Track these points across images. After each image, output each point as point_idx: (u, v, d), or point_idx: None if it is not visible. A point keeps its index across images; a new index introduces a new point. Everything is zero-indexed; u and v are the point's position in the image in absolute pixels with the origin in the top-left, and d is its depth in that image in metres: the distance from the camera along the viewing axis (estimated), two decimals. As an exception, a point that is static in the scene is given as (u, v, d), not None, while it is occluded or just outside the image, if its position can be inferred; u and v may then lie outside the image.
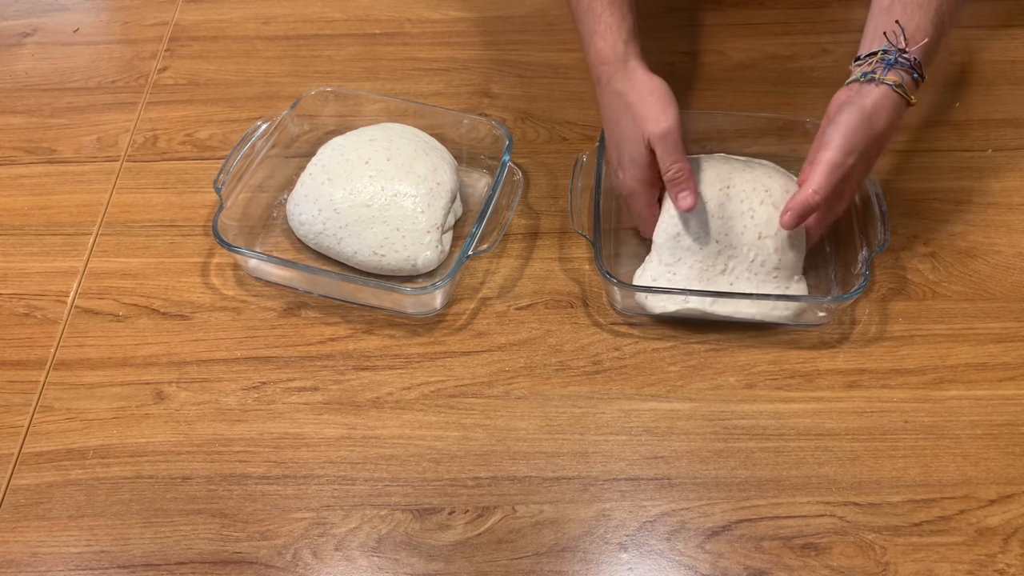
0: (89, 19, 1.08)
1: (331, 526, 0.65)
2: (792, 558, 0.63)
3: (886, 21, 0.72)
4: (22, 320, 0.78)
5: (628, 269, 0.79)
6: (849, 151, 0.69)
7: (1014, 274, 0.79)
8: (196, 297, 0.79)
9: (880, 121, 0.70)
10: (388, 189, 0.78)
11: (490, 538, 0.65)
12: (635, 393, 0.72)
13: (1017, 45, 0.99)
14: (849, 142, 0.69)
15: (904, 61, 0.70)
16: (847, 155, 0.69)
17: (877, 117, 0.70)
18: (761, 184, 0.76)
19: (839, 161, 0.69)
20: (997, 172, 0.87)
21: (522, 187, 0.84)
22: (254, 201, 0.84)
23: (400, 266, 0.77)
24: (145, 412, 0.72)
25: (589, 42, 0.79)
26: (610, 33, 0.77)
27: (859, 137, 0.69)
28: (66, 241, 0.83)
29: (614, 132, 0.77)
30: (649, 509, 0.66)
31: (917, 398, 0.71)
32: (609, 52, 0.77)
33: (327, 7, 1.07)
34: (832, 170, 0.69)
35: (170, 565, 0.64)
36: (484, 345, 0.75)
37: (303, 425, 0.71)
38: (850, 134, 0.69)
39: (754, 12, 1.04)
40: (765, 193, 0.75)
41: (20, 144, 0.92)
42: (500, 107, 0.95)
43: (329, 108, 0.89)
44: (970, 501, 0.66)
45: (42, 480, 0.68)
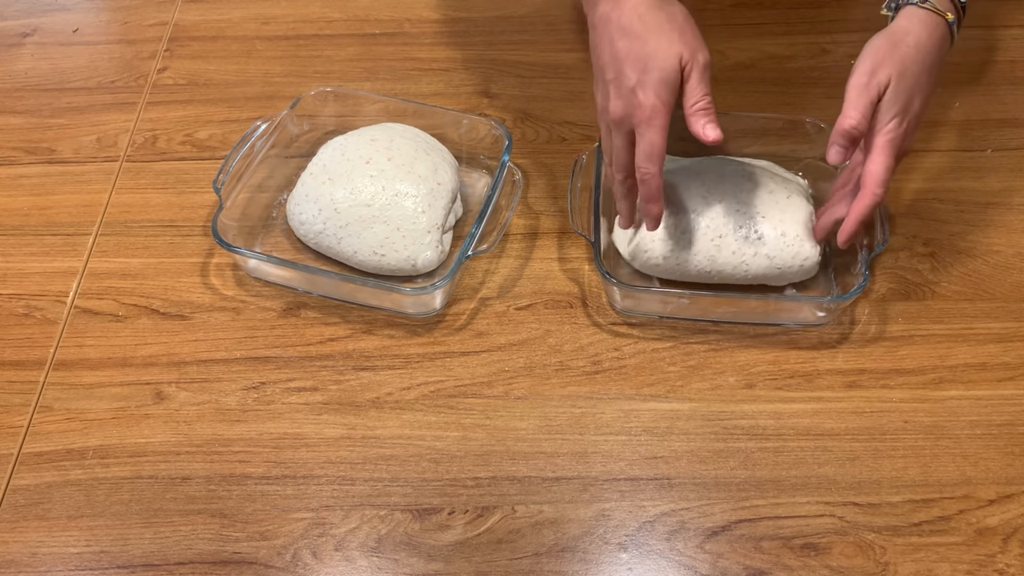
0: (89, 19, 1.08)
1: (331, 526, 0.65)
2: (792, 558, 0.63)
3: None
4: (22, 320, 0.78)
5: (628, 270, 0.79)
6: (871, 70, 0.67)
7: (1014, 274, 0.79)
8: (196, 297, 0.79)
9: (909, 38, 0.68)
10: (389, 189, 0.78)
11: (490, 538, 0.65)
12: (635, 393, 0.72)
13: (1017, 45, 0.99)
14: (870, 62, 0.68)
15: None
16: (871, 75, 0.67)
17: (904, 35, 0.68)
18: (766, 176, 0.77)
19: (863, 81, 0.67)
20: (997, 172, 0.87)
21: (522, 187, 0.84)
22: (254, 201, 0.84)
23: (400, 266, 0.77)
24: (145, 412, 0.72)
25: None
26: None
27: (882, 54, 0.68)
28: (66, 241, 0.83)
29: (636, 46, 0.68)
30: (649, 509, 0.66)
31: (917, 398, 0.71)
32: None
33: (327, 7, 1.07)
34: (856, 91, 0.67)
35: (170, 565, 0.64)
36: (484, 345, 0.75)
37: (303, 425, 0.71)
38: (871, 54, 0.68)
39: (754, 12, 1.04)
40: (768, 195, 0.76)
41: (20, 144, 0.92)
42: (500, 107, 0.95)
43: (329, 108, 0.89)
44: (970, 501, 0.66)
45: (42, 480, 0.68)
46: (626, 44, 0.68)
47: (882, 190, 0.68)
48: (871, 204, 0.68)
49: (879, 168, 0.68)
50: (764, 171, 0.79)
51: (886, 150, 0.68)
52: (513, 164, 0.84)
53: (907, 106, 0.68)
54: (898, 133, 0.68)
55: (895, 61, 0.68)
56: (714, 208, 0.75)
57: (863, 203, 0.68)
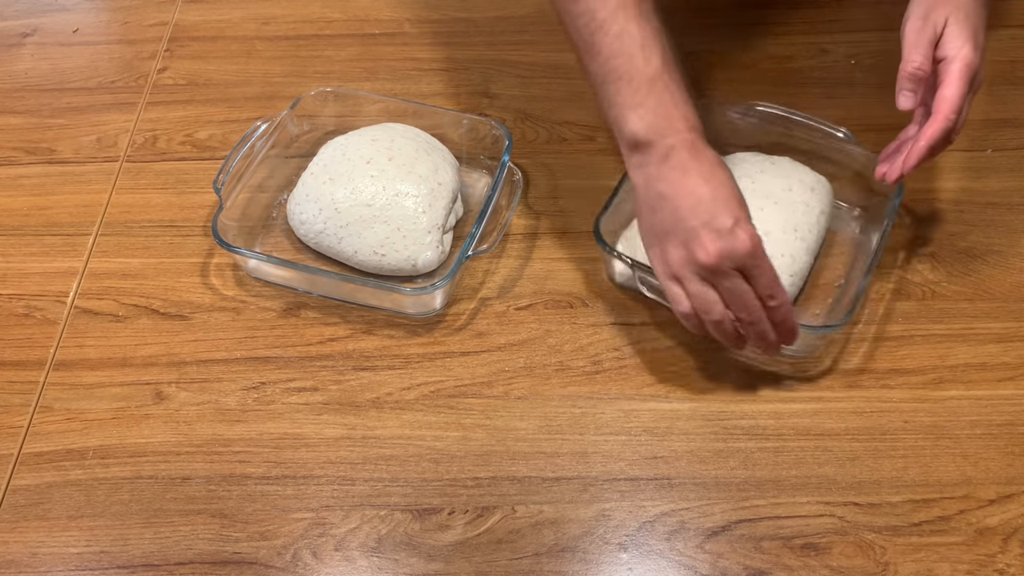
0: (89, 19, 1.08)
1: (331, 526, 0.65)
2: (792, 558, 0.63)
3: None
4: (22, 320, 0.78)
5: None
6: (925, 13, 0.67)
7: (1014, 274, 0.79)
8: (196, 297, 0.79)
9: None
10: (389, 189, 0.78)
11: (490, 538, 0.65)
12: (635, 393, 0.72)
13: (1017, 45, 0.99)
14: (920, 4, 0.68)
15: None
16: (925, 17, 0.67)
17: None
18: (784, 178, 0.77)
19: (919, 25, 0.68)
20: (997, 172, 0.87)
21: (522, 187, 0.84)
22: (254, 201, 0.84)
23: (400, 266, 0.77)
24: (145, 412, 0.72)
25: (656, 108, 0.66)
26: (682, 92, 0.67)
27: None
28: (66, 241, 0.83)
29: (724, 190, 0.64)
30: (649, 509, 0.66)
31: (917, 398, 0.71)
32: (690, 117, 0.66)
33: (327, 7, 1.07)
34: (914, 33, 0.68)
35: (170, 565, 0.64)
36: (484, 345, 0.75)
37: (303, 425, 0.71)
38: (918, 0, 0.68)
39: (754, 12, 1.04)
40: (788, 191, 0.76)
41: (20, 144, 0.92)
42: (500, 107, 0.94)
43: (329, 108, 0.89)
44: (970, 501, 0.66)
45: (42, 480, 0.68)
46: (711, 188, 0.64)
47: (955, 116, 0.66)
48: (943, 128, 0.67)
49: (954, 93, 0.66)
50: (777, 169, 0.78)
51: (961, 76, 0.67)
52: (513, 164, 0.84)
53: (975, 36, 0.68)
54: (972, 60, 0.67)
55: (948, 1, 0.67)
56: None
57: (935, 127, 0.67)
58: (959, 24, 0.67)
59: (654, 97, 0.66)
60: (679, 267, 0.65)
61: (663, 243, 0.66)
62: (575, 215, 0.84)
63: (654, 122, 0.65)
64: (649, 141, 0.65)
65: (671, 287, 0.66)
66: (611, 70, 0.67)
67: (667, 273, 0.66)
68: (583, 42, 0.69)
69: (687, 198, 0.64)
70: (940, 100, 0.67)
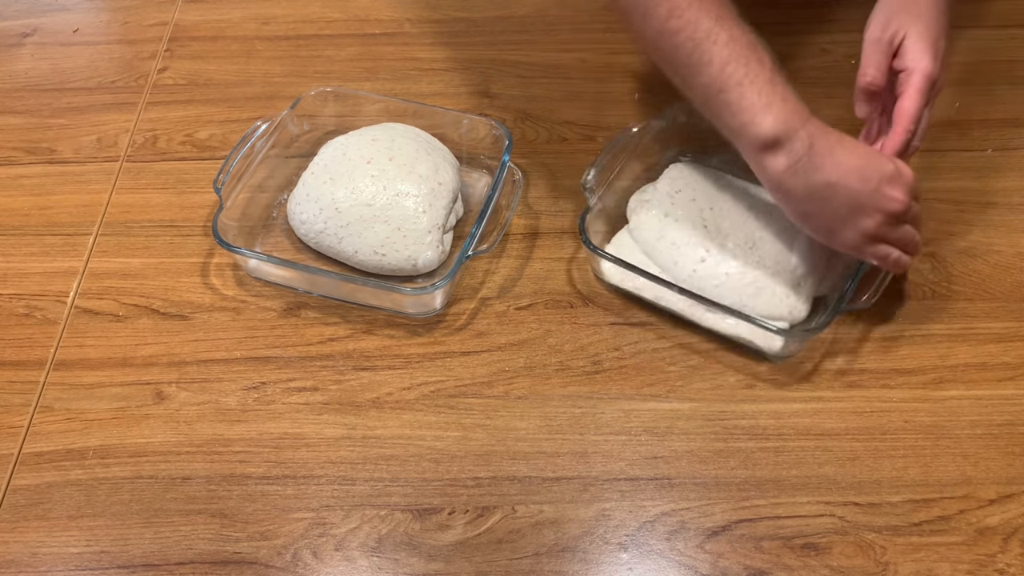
0: (89, 19, 1.08)
1: (331, 526, 0.65)
2: (792, 558, 0.63)
3: None
4: (22, 320, 0.78)
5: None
6: (885, 23, 0.70)
7: (1014, 274, 0.79)
8: (196, 297, 0.79)
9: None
10: (390, 189, 0.78)
11: (490, 538, 0.65)
12: (635, 393, 0.72)
13: (1017, 45, 0.99)
14: (884, 14, 0.71)
15: None
16: (883, 28, 0.70)
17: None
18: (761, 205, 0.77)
19: (876, 35, 0.70)
20: (997, 172, 0.87)
21: (522, 187, 0.84)
22: (254, 201, 0.84)
23: (400, 266, 0.77)
24: (145, 412, 0.72)
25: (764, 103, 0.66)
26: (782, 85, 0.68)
27: (893, 7, 0.70)
28: (66, 241, 0.83)
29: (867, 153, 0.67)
30: (649, 509, 0.66)
31: (917, 398, 0.71)
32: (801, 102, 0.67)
33: (327, 7, 1.07)
34: (871, 45, 0.70)
35: (170, 565, 0.64)
36: (484, 345, 0.75)
37: (303, 425, 0.71)
38: (884, 7, 0.71)
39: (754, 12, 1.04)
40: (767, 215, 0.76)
41: (20, 144, 0.92)
42: (500, 107, 0.94)
43: (329, 108, 0.89)
44: (970, 501, 0.66)
45: (42, 480, 0.68)
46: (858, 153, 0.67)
47: (914, 126, 0.69)
48: (903, 140, 0.69)
49: (912, 106, 0.69)
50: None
51: (919, 89, 0.69)
52: (513, 164, 0.83)
53: (934, 45, 0.70)
54: (931, 71, 0.69)
55: (908, 9, 0.69)
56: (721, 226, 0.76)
57: (895, 139, 0.69)
58: (918, 35, 0.69)
59: (778, 95, 0.66)
60: (879, 229, 0.67)
61: (855, 220, 0.67)
62: (575, 215, 0.84)
63: (787, 119, 0.66)
64: (788, 137, 0.66)
65: (878, 250, 0.69)
66: (728, 76, 0.67)
67: (871, 241, 0.68)
68: (686, 57, 0.68)
69: (852, 174, 0.66)
70: (899, 112, 0.69)
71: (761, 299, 0.73)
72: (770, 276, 0.74)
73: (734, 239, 0.75)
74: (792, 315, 0.73)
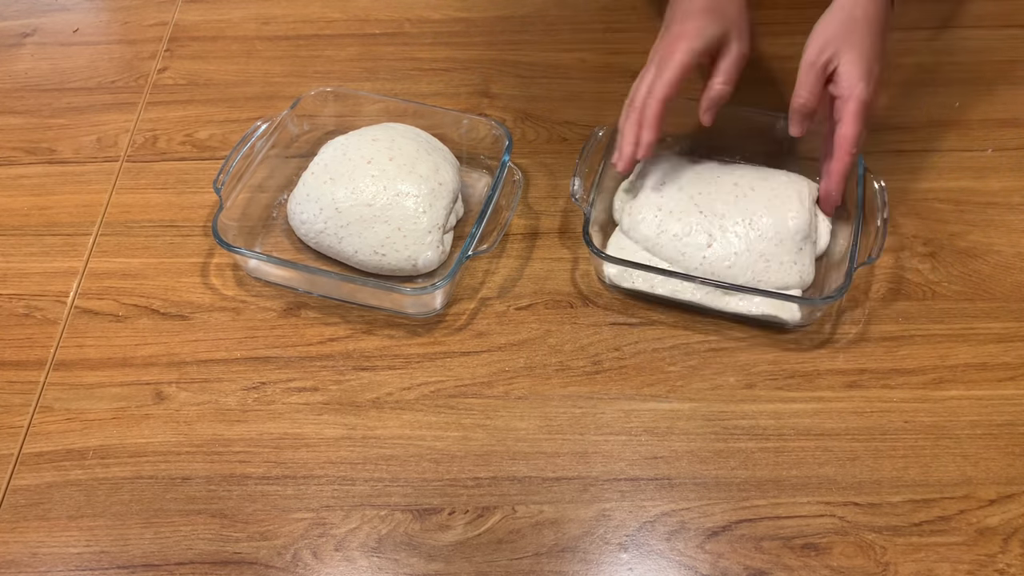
0: (89, 19, 1.08)
1: (331, 526, 0.65)
2: (792, 558, 0.63)
3: None
4: (22, 320, 0.78)
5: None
6: (820, 47, 0.73)
7: (1014, 274, 0.79)
8: (196, 297, 0.79)
9: (856, 10, 0.73)
10: (390, 189, 0.78)
11: (490, 538, 0.65)
12: (635, 393, 0.72)
13: (1017, 45, 0.99)
14: (818, 40, 0.73)
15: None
16: (819, 52, 0.73)
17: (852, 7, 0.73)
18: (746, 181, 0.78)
19: (811, 59, 0.73)
20: (997, 172, 0.87)
21: (522, 187, 0.84)
22: (254, 201, 0.84)
23: (401, 266, 0.77)
24: (145, 412, 0.72)
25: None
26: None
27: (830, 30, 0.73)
28: (66, 241, 0.83)
29: (691, 8, 0.76)
30: (649, 509, 0.66)
31: (917, 398, 0.71)
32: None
33: (327, 7, 1.07)
34: (806, 69, 0.73)
35: (170, 566, 0.64)
36: (484, 345, 0.75)
37: (303, 425, 0.71)
38: (819, 32, 0.74)
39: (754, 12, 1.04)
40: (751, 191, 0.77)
41: (20, 144, 0.92)
42: (500, 107, 0.95)
43: (329, 108, 0.89)
44: (970, 501, 0.66)
45: (42, 480, 0.68)
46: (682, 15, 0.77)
47: (855, 150, 0.73)
48: (846, 166, 0.74)
49: (850, 132, 0.72)
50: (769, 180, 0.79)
51: (856, 115, 0.72)
52: (513, 164, 0.84)
53: (868, 72, 0.73)
54: (865, 98, 0.72)
55: (844, 36, 0.72)
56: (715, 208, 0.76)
57: (838, 166, 0.74)
58: (852, 62, 0.72)
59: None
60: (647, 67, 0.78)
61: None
62: (575, 215, 0.84)
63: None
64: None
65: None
66: None
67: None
68: None
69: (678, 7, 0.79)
70: (840, 139, 0.73)
71: (772, 271, 0.74)
72: (775, 247, 0.75)
73: (731, 218, 0.76)
74: (803, 280, 0.75)
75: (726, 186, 0.78)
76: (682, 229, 0.76)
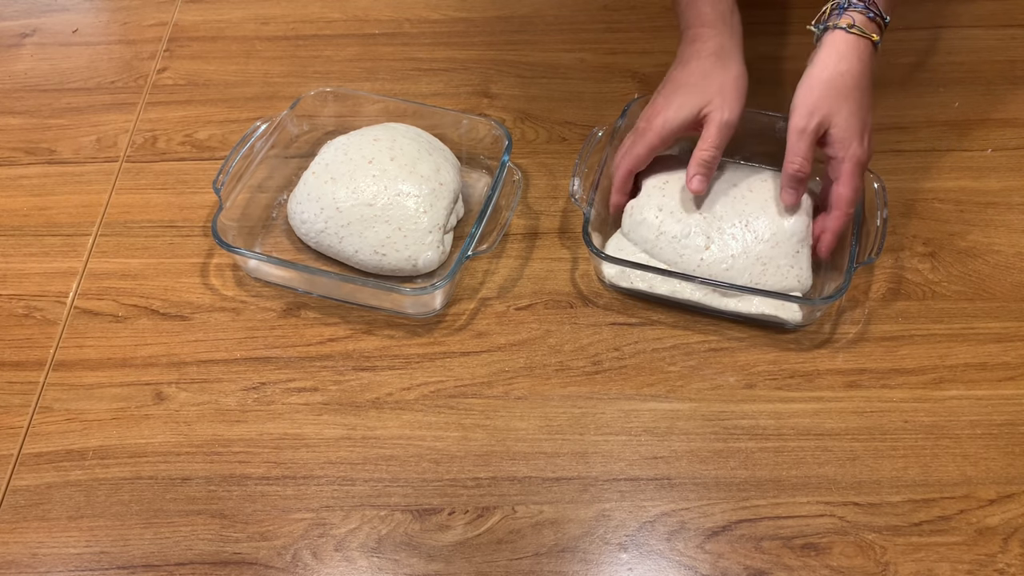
0: (88, 20, 1.08)
1: (331, 527, 0.65)
2: (792, 558, 0.63)
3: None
4: (21, 321, 0.78)
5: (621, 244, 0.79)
6: (810, 111, 0.71)
7: (1014, 274, 0.79)
8: (195, 298, 0.79)
9: (841, 66, 0.71)
10: (391, 189, 0.78)
11: (490, 539, 0.65)
12: (635, 393, 0.72)
13: (1017, 45, 0.99)
14: (806, 104, 0.71)
15: (858, 2, 0.71)
16: (808, 116, 0.71)
17: (836, 64, 0.71)
18: (744, 183, 0.78)
19: (801, 125, 0.71)
20: (997, 172, 0.87)
21: (522, 187, 0.84)
22: (253, 201, 0.84)
23: (401, 266, 0.77)
24: (145, 413, 0.72)
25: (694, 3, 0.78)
26: (720, 1, 0.77)
27: (817, 93, 0.71)
28: (65, 242, 0.83)
29: (680, 81, 0.77)
30: (649, 509, 0.66)
31: (917, 398, 0.71)
32: (716, 17, 0.77)
33: (327, 7, 1.07)
34: (797, 135, 0.71)
35: (170, 566, 0.64)
36: (484, 345, 0.75)
37: (303, 426, 0.71)
38: (805, 95, 0.71)
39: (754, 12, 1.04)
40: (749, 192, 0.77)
41: (19, 145, 0.92)
42: (500, 107, 0.94)
43: (328, 108, 0.89)
44: (970, 501, 0.66)
45: (42, 481, 0.68)
46: (678, 75, 0.77)
47: (852, 209, 0.73)
48: (843, 224, 0.74)
49: (847, 192, 0.73)
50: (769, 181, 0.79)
51: (852, 174, 0.72)
52: (513, 164, 0.83)
53: (861, 129, 0.72)
54: (861, 157, 0.72)
55: (832, 96, 0.71)
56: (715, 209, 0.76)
57: (835, 224, 0.74)
58: (844, 122, 0.71)
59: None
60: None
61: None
62: (575, 215, 0.84)
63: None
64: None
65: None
66: None
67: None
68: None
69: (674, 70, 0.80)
70: (837, 198, 0.73)
71: (768, 274, 0.74)
72: (771, 249, 0.75)
73: (729, 220, 0.76)
74: (801, 283, 0.75)
75: (726, 185, 0.78)
76: (681, 231, 0.76)
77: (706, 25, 0.77)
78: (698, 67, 0.76)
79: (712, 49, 0.76)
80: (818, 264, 0.78)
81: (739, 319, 0.76)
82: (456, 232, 0.82)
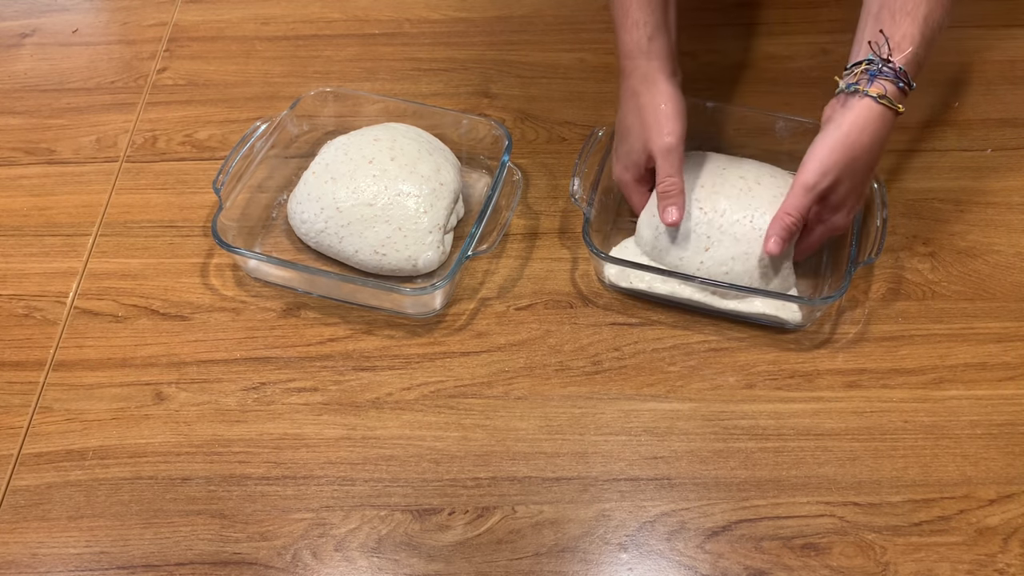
0: (88, 20, 1.08)
1: (331, 527, 0.65)
2: (792, 558, 0.63)
3: (872, 29, 0.71)
4: (21, 321, 0.78)
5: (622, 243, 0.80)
6: (824, 172, 0.69)
7: (1014, 274, 0.79)
8: (195, 298, 0.79)
9: (864, 136, 0.69)
10: (391, 189, 0.78)
11: (490, 539, 0.65)
12: (635, 393, 0.72)
13: (1017, 45, 0.99)
14: (823, 164, 0.69)
15: (889, 71, 0.69)
16: (821, 176, 0.69)
17: (860, 133, 0.69)
18: (752, 176, 0.77)
19: (811, 183, 0.69)
20: (997, 172, 0.87)
21: (521, 187, 0.84)
22: (253, 201, 0.84)
23: (401, 266, 0.77)
24: (145, 413, 0.72)
25: (617, 34, 0.78)
26: (636, 28, 0.76)
27: (836, 157, 0.69)
28: (65, 242, 0.83)
29: (622, 125, 0.78)
30: (649, 509, 0.66)
31: (917, 398, 0.71)
32: (633, 47, 0.76)
33: (327, 7, 1.07)
34: (804, 192, 0.70)
35: (170, 566, 0.64)
36: (484, 345, 0.75)
37: (303, 426, 0.71)
38: (825, 156, 0.69)
39: (754, 12, 1.04)
40: (756, 185, 0.76)
41: (19, 145, 0.92)
42: (499, 107, 0.94)
43: (328, 108, 0.89)
44: (970, 501, 0.66)
45: (42, 481, 0.68)
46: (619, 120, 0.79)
47: (810, 252, 0.76)
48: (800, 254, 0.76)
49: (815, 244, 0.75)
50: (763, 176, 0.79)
51: (821, 236, 0.74)
52: (513, 164, 0.83)
53: (855, 202, 0.73)
54: (838, 225, 0.73)
55: (847, 164, 0.70)
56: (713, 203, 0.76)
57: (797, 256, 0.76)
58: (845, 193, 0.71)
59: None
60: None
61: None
62: (575, 215, 0.84)
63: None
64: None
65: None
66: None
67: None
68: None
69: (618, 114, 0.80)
70: (805, 246, 0.75)
71: (768, 276, 0.74)
72: None
73: (731, 216, 0.75)
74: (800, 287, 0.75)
75: (732, 179, 0.77)
76: (680, 233, 0.76)
77: (626, 57, 0.77)
78: (632, 106, 0.76)
79: (637, 82, 0.76)
80: (818, 264, 0.78)
81: (739, 319, 0.76)
82: (456, 232, 0.82)
